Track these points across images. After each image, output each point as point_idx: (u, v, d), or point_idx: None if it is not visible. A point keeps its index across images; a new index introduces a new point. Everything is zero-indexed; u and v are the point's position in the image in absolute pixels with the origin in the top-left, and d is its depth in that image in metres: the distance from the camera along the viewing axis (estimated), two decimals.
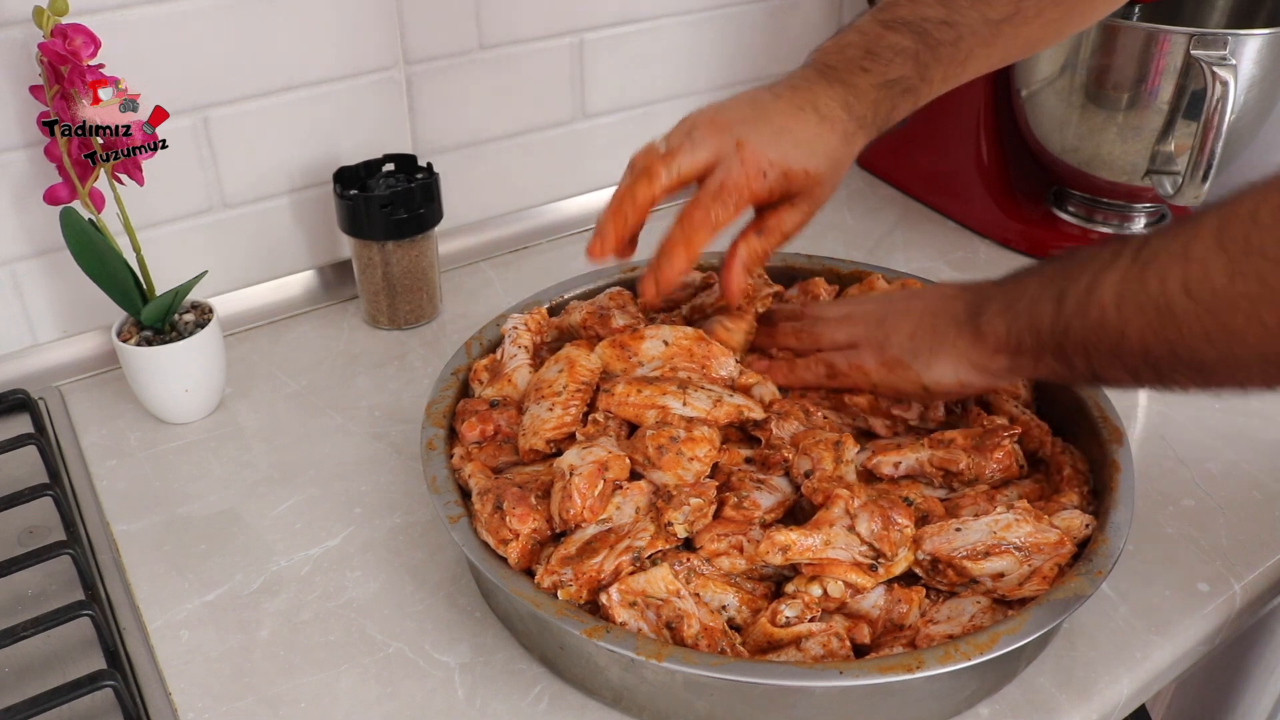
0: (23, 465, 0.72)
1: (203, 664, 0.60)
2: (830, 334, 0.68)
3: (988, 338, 0.59)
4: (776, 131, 0.62)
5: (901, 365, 0.63)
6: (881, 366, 0.64)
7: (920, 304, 0.64)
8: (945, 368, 0.61)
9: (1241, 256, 0.44)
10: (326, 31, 0.85)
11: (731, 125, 0.62)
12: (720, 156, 0.62)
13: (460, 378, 0.70)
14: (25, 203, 0.77)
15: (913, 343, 0.63)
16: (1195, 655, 0.63)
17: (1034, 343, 0.56)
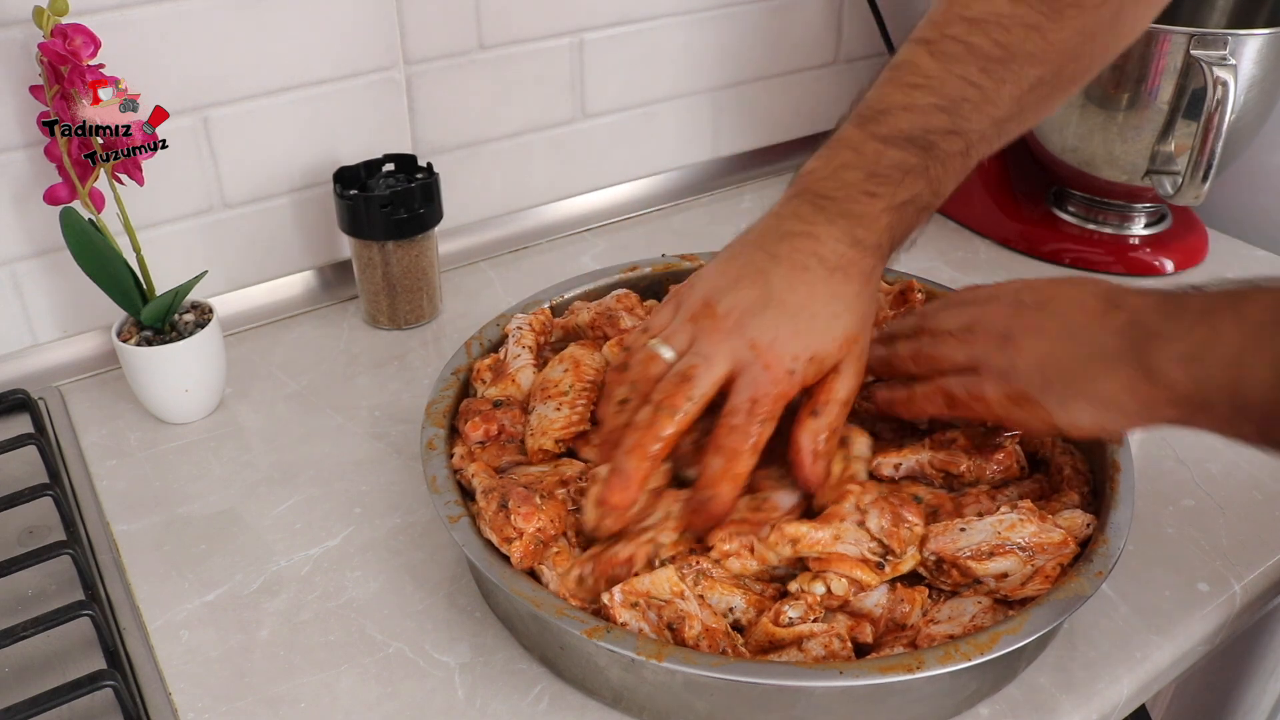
0: (23, 465, 0.72)
1: (203, 664, 0.60)
2: (950, 354, 0.58)
3: (1157, 383, 0.49)
4: (790, 317, 0.55)
5: (1029, 401, 0.54)
6: (1005, 400, 0.55)
7: (1056, 322, 0.54)
8: (1086, 411, 0.52)
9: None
10: (326, 31, 0.85)
11: (740, 325, 0.55)
12: (738, 366, 0.55)
13: (460, 378, 0.70)
14: (25, 203, 0.77)
15: (1043, 374, 0.53)
16: (1195, 655, 0.63)
17: (1230, 408, 0.47)
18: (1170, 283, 0.97)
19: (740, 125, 1.13)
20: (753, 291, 0.56)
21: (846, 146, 0.58)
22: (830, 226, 0.56)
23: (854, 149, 0.57)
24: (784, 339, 0.55)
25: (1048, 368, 0.53)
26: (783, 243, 0.57)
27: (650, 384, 0.57)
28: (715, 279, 0.58)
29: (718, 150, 1.12)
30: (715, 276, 0.58)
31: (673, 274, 0.81)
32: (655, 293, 0.79)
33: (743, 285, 0.56)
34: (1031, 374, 0.54)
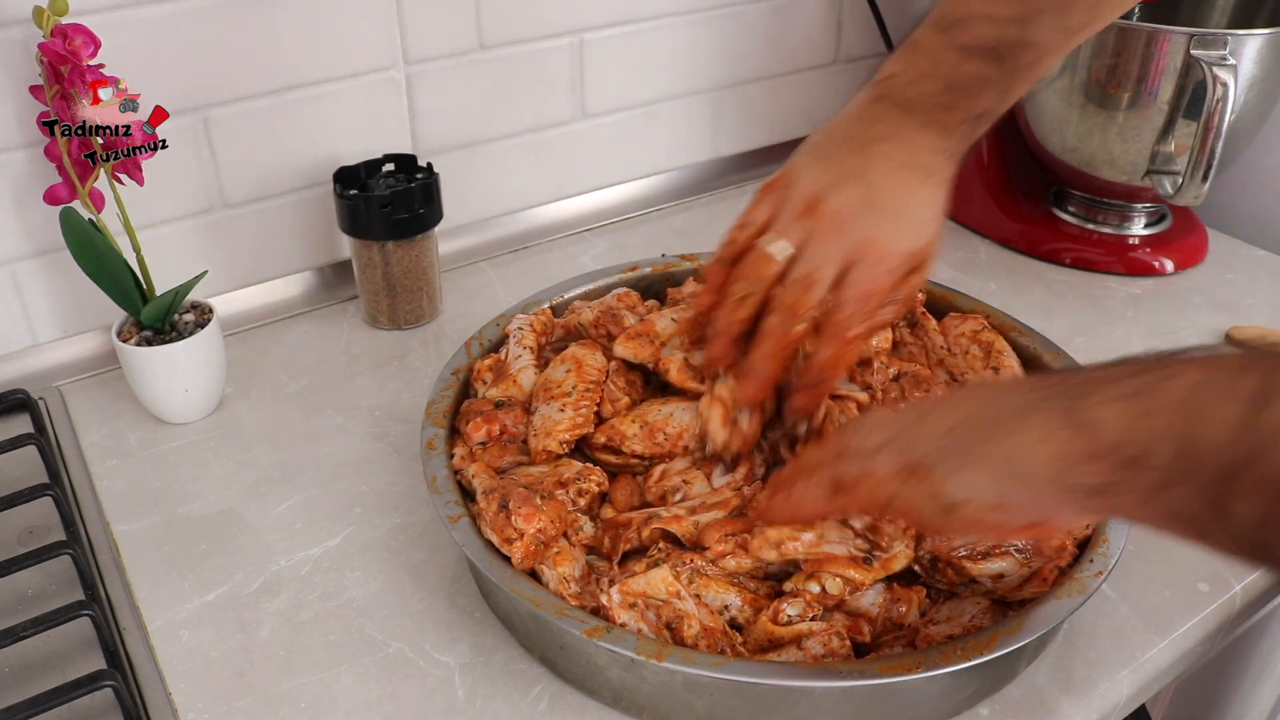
0: (23, 465, 0.72)
1: (203, 664, 0.60)
2: (862, 435, 0.50)
3: (1081, 431, 0.39)
4: (894, 218, 0.57)
5: (919, 473, 0.45)
6: (899, 474, 0.46)
7: (982, 393, 0.47)
8: (982, 478, 0.43)
9: None
10: (326, 31, 0.85)
11: (850, 224, 0.57)
12: (849, 262, 0.56)
13: (460, 378, 0.70)
14: (25, 203, 0.77)
15: (945, 439, 0.45)
16: (1195, 655, 0.63)
17: (1176, 461, 0.36)
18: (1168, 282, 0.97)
19: (740, 125, 1.13)
20: (856, 191, 0.57)
21: (925, 54, 0.59)
22: (918, 134, 0.58)
23: (932, 57, 0.59)
24: (890, 238, 0.56)
25: (953, 432, 0.45)
26: (875, 145, 0.58)
27: (767, 283, 0.58)
28: (816, 177, 0.59)
29: (718, 150, 1.12)
30: (815, 174, 0.59)
31: (672, 274, 0.81)
32: (655, 293, 0.80)
33: (847, 186, 0.57)
34: (932, 440, 0.45)
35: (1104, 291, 0.95)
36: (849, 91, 1.18)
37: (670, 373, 0.66)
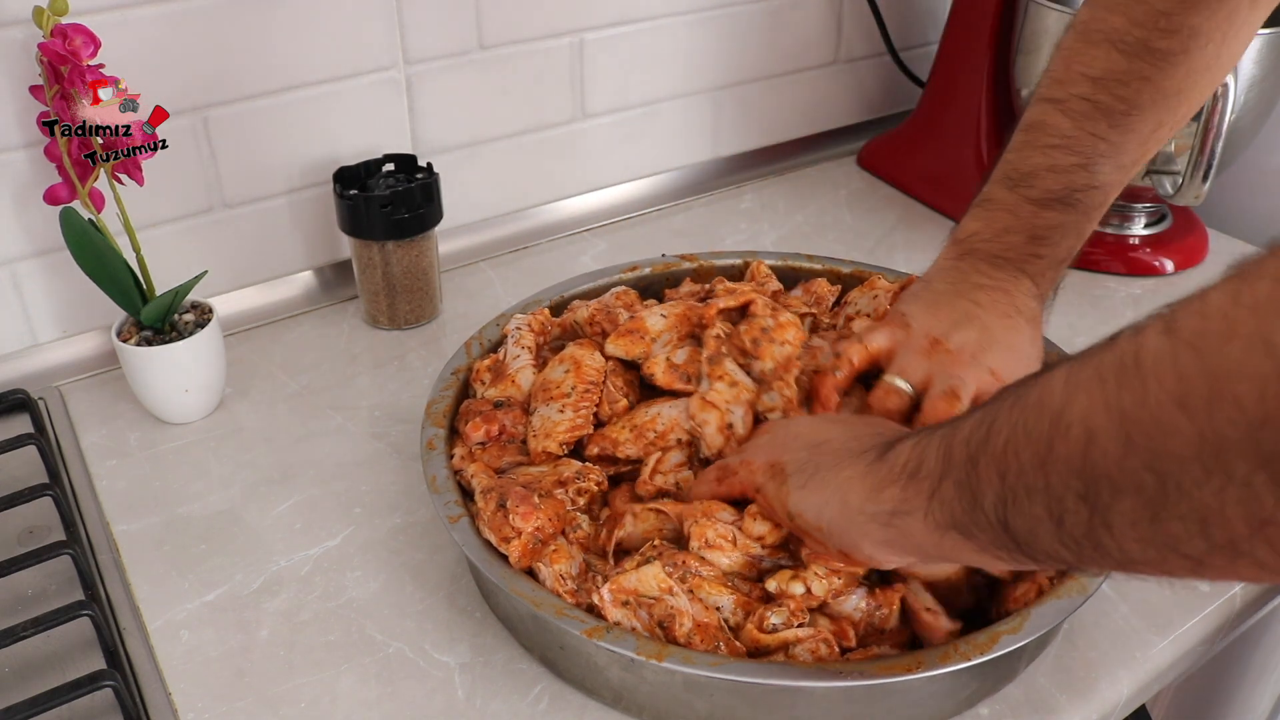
0: (23, 465, 0.72)
1: (203, 664, 0.60)
2: (762, 433, 0.61)
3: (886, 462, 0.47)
4: (1011, 354, 0.62)
5: (781, 475, 0.54)
6: (767, 469, 0.55)
7: (856, 428, 0.55)
8: (815, 498, 0.51)
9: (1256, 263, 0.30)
10: (326, 31, 0.85)
11: (976, 358, 0.61)
12: (982, 389, 0.60)
13: (460, 378, 0.70)
14: (25, 203, 0.77)
15: (809, 454, 0.53)
16: (1195, 655, 0.63)
17: (939, 462, 0.43)
18: (1168, 282, 0.97)
19: (740, 125, 1.13)
20: (974, 333, 0.62)
21: (1003, 209, 0.64)
22: (1016, 283, 0.63)
23: (1011, 212, 0.64)
24: (1008, 371, 0.60)
25: (817, 450, 0.53)
26: (981, 293, 0.63)
27: (892, 416, 0.61)
28: (931, 320, 0.64)
29: (718, 150, 1.12)
30: (929, 318, 0.64)
31: (672, 274, 0.81)
32: (655, 292, 0.79)
33: (964, 327, 0.62)
34: (800, 452, 0.54)
35: (1104, 291, 0.95)
36: (849, 91, 1.19)
37: (656, 375, 0.66)
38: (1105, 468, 0.34)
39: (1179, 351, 0.31)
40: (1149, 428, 0.32)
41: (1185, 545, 0.32)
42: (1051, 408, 0.36)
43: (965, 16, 1.04)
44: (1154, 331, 0.33)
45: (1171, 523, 0.32)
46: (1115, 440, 0.34)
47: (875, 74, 1.20)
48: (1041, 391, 0.37)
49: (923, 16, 1.19)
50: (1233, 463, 0.30)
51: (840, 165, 1.18)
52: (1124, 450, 0.33)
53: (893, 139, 1.15)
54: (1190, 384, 0.31)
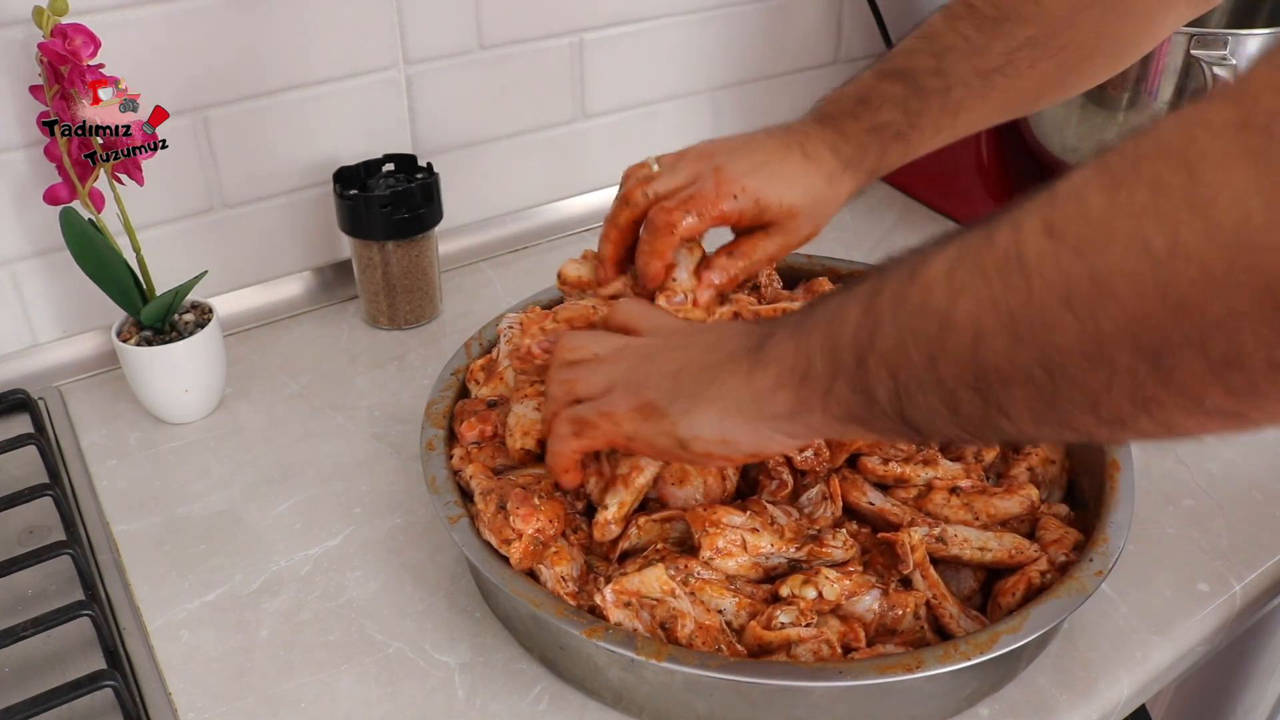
0: (23, 465, 0.72)
1: (203, 664, 0.60)
2: (586, 379, 0.55)
3: (768, 366, 0.47)
4: (757, 164, 0.63)
5: (656, 413, 0.51)
6: (634, 413, 0.51)
7: (704, 337, 0.53)
8: (707, 417, 0.49)
9: (1132, 166, 0.32)
10: (326, 31, 0.85)
11: (715, 154, 0.64)
12: (697, 177, 0.63)
13: (460, 378, 0.70)
14: (25, 203, 0.77)
15: (674, 382, 0.51)
16: (1195, 655, 0.63)
17: (827, 364, 0.43)
18: None
19: (740, 125, 1.12)
20: (739, 143, 0.64)
21: (854, 81, 0.68)
22: (820, 132, 0.65)
23: (858, 82, 0.67)
24: (742, 172, 0.62)
25: (680, 376, 0.51)
26: (779, 130, 0.66)
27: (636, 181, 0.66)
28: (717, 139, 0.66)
29: None
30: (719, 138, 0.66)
31: None
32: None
33: (733, 139, 0.65)
34: (663, 383, 0.51)
35: None
36: None
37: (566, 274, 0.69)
38: (995, 363, 0.36)
39: (1062, 253, 0.33)
40: (1036, 325, 0.34)
41: (1076, 422, 0.36)
42: (937, 308, 0.38)
43: None
44: (1034, 231, 0.35)
45: (1062, 407, 0.35)
46: (1004, 337, 0.35)
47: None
48: (923, 291, 0.39)
49: (923, 17, 1.19)
50: (1115, 354, 0.33)
51: None
52: (1013, 346, 0.35)
53: None
54: (1075, 284, 0.33)
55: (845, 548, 0.57)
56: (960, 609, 0.56)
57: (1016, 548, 0.58)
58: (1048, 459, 0.65)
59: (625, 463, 0.58)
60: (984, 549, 0.58)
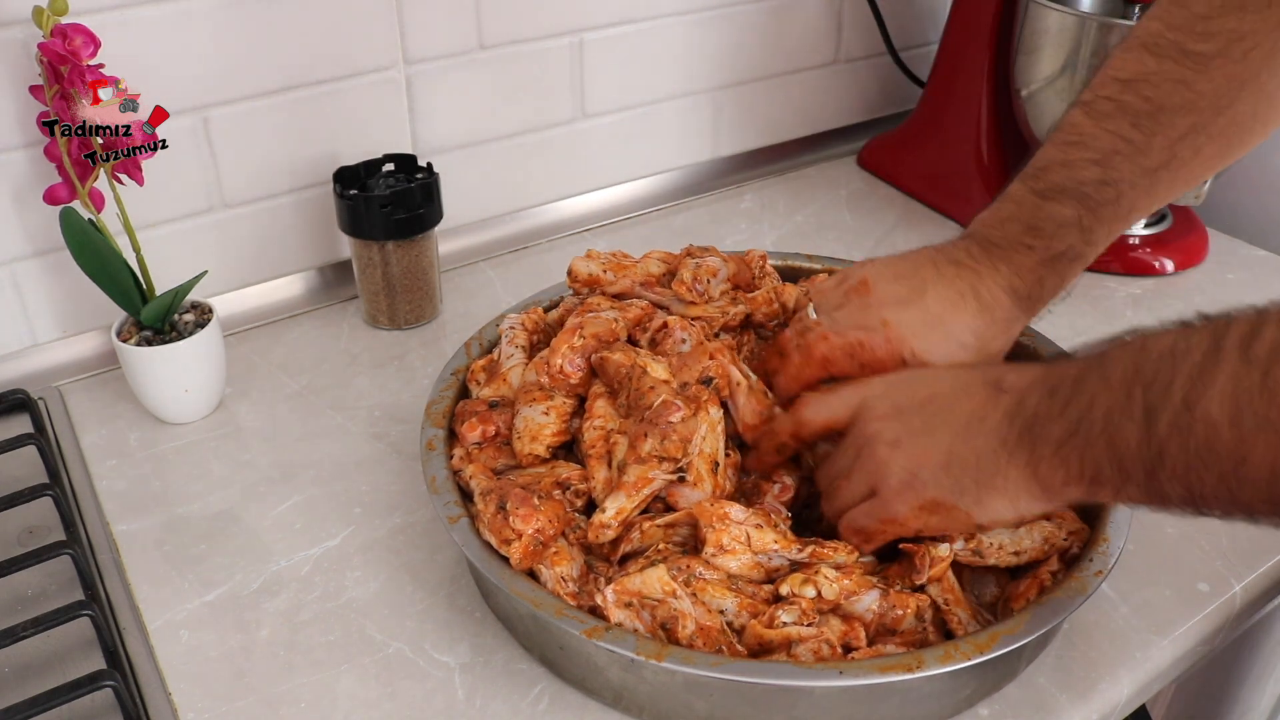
0: (23, 465, 0.72)
1: (203, 664, 0.60)
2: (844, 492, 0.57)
3: (1055, 471, 0.49)
4: (930, 321, 0.60)
5: (944, 507, 0.53)
6: (921, 512, 0.54)
7: (944, 417, 0.53)
8: (1001, 504, 0.52)
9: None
10: (326, 31, 0.85)
11: (883, 303, 0.61)
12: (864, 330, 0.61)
13: (460, 378, 0.70)
14: (25, 203, 0.77)
15: (950, 477, 0.52)
16: (1195, 655, 0.63)
17: (1115, 473, 0.46)
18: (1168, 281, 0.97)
19: (740, 125, 1.13)
20: (909, 290, 0.61)
21: (1011, 200, 0.63)
22: (994, 270, 0.61)
23: (1016, 203, 0.62)
24: (912, 333, 0.60)
25: (953, 468, 0.52)
26: (950, 266, 0.62)
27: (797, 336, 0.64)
28: (881, 268, 0.63)
29: (718, 150, 1.12)
30: (882, 266, 0.64)
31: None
32: None
33: (900, 281, 0.62)
34: (939, 478, 0.53)
35: (1104, 291, 0.95)
36: (849, 91, 1.19)
37: (577, 271, 0.72)
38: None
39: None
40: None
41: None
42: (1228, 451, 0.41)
43: (965, 16, 1.04)
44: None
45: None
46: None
47: (875, 74, 1.20)
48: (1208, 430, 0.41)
49: (923, 16, 1.19)
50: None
51: (840, 165, 1.18)
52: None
53: (893, 139, 1.15)
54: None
55: (847, 551, 0.57)
56: (971, 614, 0.56)
57: (1047, 539, 0.58)
58: None
59: (633, 470, 0.58)
60: (1019, 552, 0.57)
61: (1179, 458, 0.43)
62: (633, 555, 0.58)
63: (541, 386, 0.65)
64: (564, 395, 0.64)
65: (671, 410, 0.58)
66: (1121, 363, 0.46)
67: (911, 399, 0.56)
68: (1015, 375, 0.52)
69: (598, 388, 0.63)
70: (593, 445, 0.61)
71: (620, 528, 0.57)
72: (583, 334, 0.65)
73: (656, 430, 0.58)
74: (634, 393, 0.61)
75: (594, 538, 0.57)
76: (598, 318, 0.66)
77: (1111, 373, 0.46)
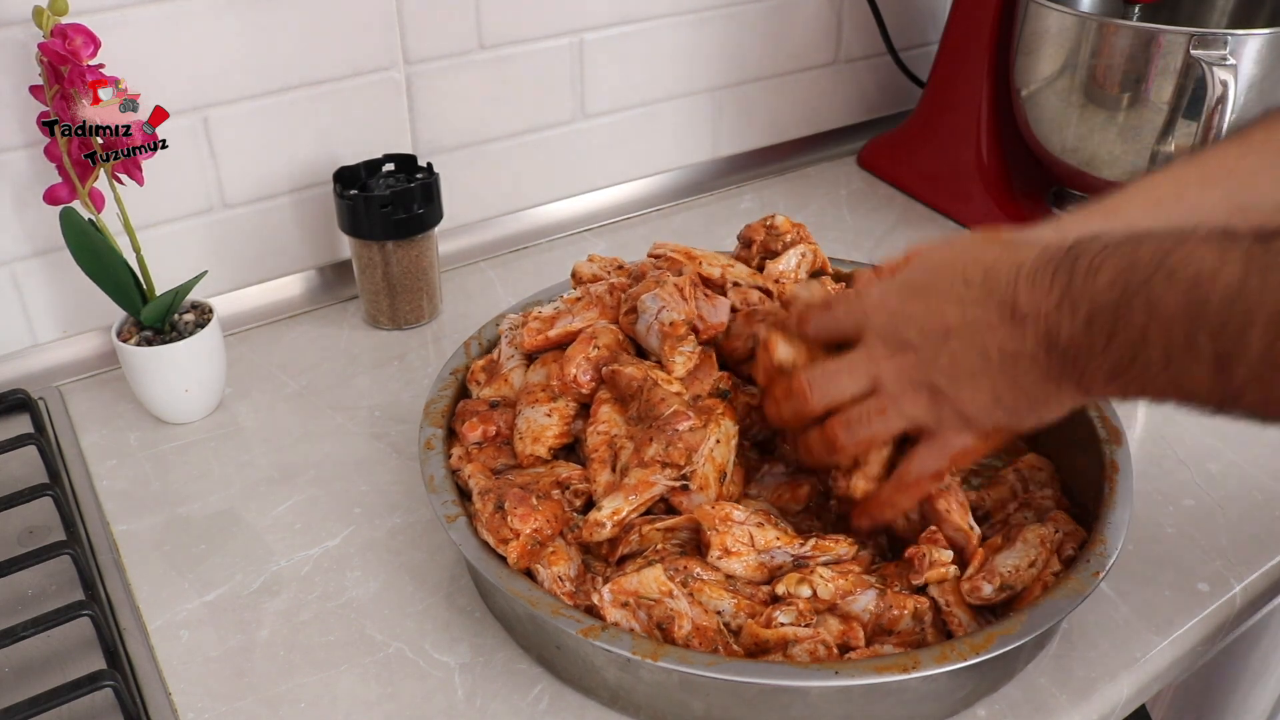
0: (23, 465, 0.72)
1: (203, 664, 0.60)
2: (889, 427, 0.56)
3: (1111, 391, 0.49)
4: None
5: (1005, 430, 0.55)
6: (984, 442, 0.56)
7: (973, 357, 0.52)
8: (1060, 411, 0.52)
9: None
10: (326, 31, 0.85)
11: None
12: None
13: (459, 378, 0.70)
14: (25, 203, 0.77)
15: (1004, 410, 0.52)
16: (1195, 655, 0.63)
17: (1182, 401, 0.46)
18: None
19: (740, 125, 1.13)
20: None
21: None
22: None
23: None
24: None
25: (1005, 402, 0.52)
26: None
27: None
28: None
29: (718, 150, 1.12)
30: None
31: None
32: None
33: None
34: (995, 412, 0.53)
35: None
36: (849, 91, 1.19)
37: (581, 273, 0.73)
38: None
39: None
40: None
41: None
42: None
43: (965, 16, 1.04)
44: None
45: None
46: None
47: (875, 74, 1.20)
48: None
49: (923, 16, 1.19)
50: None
51: (840, 165, 1.18)
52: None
53: (893, 139, 1.15)
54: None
55: (848, 543, 0.58)
56: (971, 615, 0.56)
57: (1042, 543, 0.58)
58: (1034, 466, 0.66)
59: (635, 473, 0.58)
60: (1033, 563, 0.57)
61: (1257, 400, 0.42)
62: (631, 556, 0.58)
63: (545, 388, 0.65)
64: (569, 399, 0.64)
65: (681, 419, 0.59)
66: (1172, 296, 0.43)
67: (924, 331, 0.53)
68: (1028, 293, 0.49)
69: (604, 393, 0.63)
70: (595, 449, 0.61)
71: (616, 528, 0.57)
72: (597, 344, 0.65)
73: (663, 436, 0.58)
74: (645, 403, 0.61)
75: (588, 535, 0.58)
76: (608, 326, 0.66)
77: (1162, 308, 0.44)
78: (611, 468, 0.60)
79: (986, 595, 0.55)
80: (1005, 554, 0.57)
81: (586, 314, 0.67)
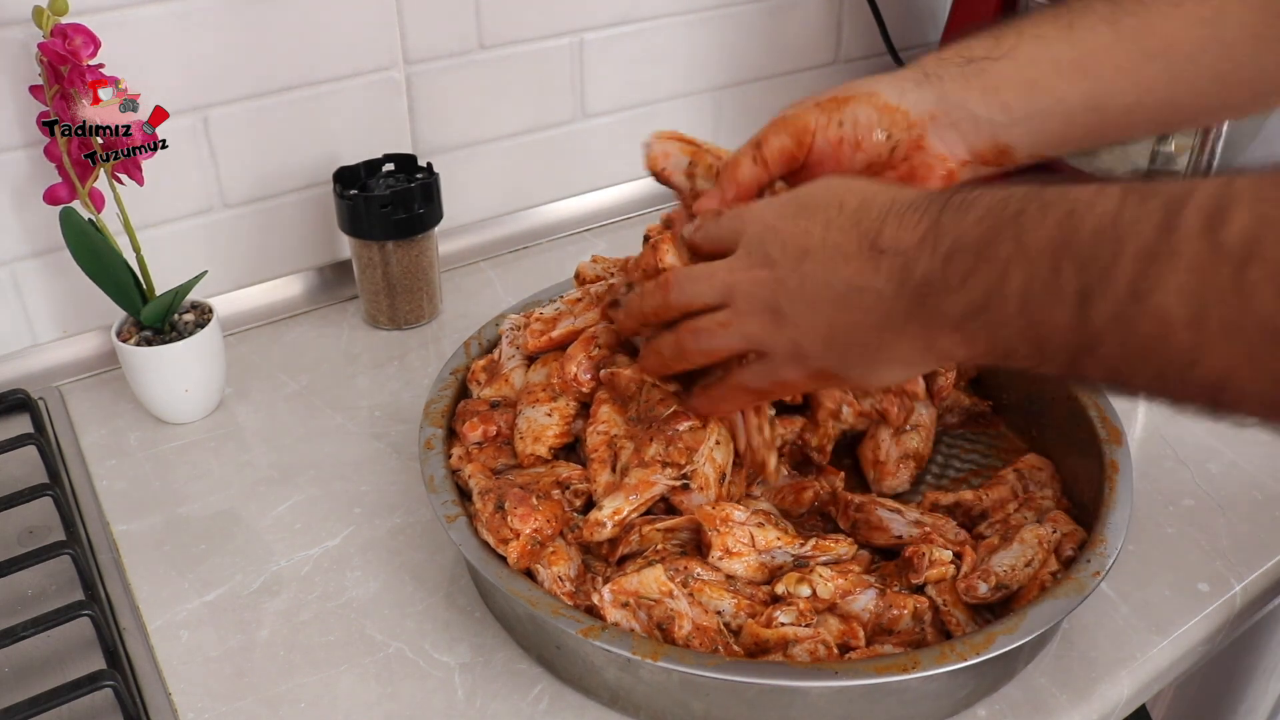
0: (23, 465, 0.72)
1: (203, 664, 0.60)
2: (722, 344, 0.54)
3: (956, 346, 0.45)
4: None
5: (835, 378, 0.52)
6: (810, 379, 0.53)
7: (821, 284, 0.49)
8: (891, 371, 0.50)
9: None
10: (326, 31, 0.85)
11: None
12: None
13: (459, 378, 0.70)
14: (25, 203, 0.77)
15: (835, 352, 0.50)
16: (1195, 655, 0.63)
17: (1032, 353, 0.42)
18: None
19: (740, 125, 1.13)
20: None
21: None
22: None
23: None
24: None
25: (838, 341, 0.49)
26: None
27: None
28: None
29: None
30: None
31: None
32: None
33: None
34: (825, 352, 0.50)
35: None
36: None
37: (585, 274, 0.72)
38: (1238, 396, 0.36)
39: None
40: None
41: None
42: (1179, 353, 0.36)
43: (965, 16, 1.04)
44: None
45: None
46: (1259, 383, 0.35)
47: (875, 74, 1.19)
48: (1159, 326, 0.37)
49: (923, 16, 1.19)
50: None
51: None
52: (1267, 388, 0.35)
53: None
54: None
55: (848, 543, 0.58)
56: (969, 615, 0.56)
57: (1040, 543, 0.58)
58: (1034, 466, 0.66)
59: (635, 473, 0.58)
60: (1029, 562, 0.57)
61: (1115, 350, 0.38)
62: (631, 556, 0.58)
63: (546, 387, 0.65)
64: (569, 399, 0.64)
65: (680, 420, 0.59)
66: (1043, 229, 0.40)
67: (785, 249, 0.50)
68: (894, 228, 0.46)
69: (604, 393, 0.63)
70: (595, 449, 0.61)
71: (616, 528, 0.57)
72: (598, 344, 0.65)
73: (663, 436, 0.58)
74: (644, 404, 0.61)
75: (588, 535, 0.58)
76: (610, 328, 0.66)
77: (1030, 239, 0.40)
78: (611, 468, 0.60)
79: (982, 594, 0.55)
80: (1002, 554, 0.57)
81: (587, 314, 0.67)
